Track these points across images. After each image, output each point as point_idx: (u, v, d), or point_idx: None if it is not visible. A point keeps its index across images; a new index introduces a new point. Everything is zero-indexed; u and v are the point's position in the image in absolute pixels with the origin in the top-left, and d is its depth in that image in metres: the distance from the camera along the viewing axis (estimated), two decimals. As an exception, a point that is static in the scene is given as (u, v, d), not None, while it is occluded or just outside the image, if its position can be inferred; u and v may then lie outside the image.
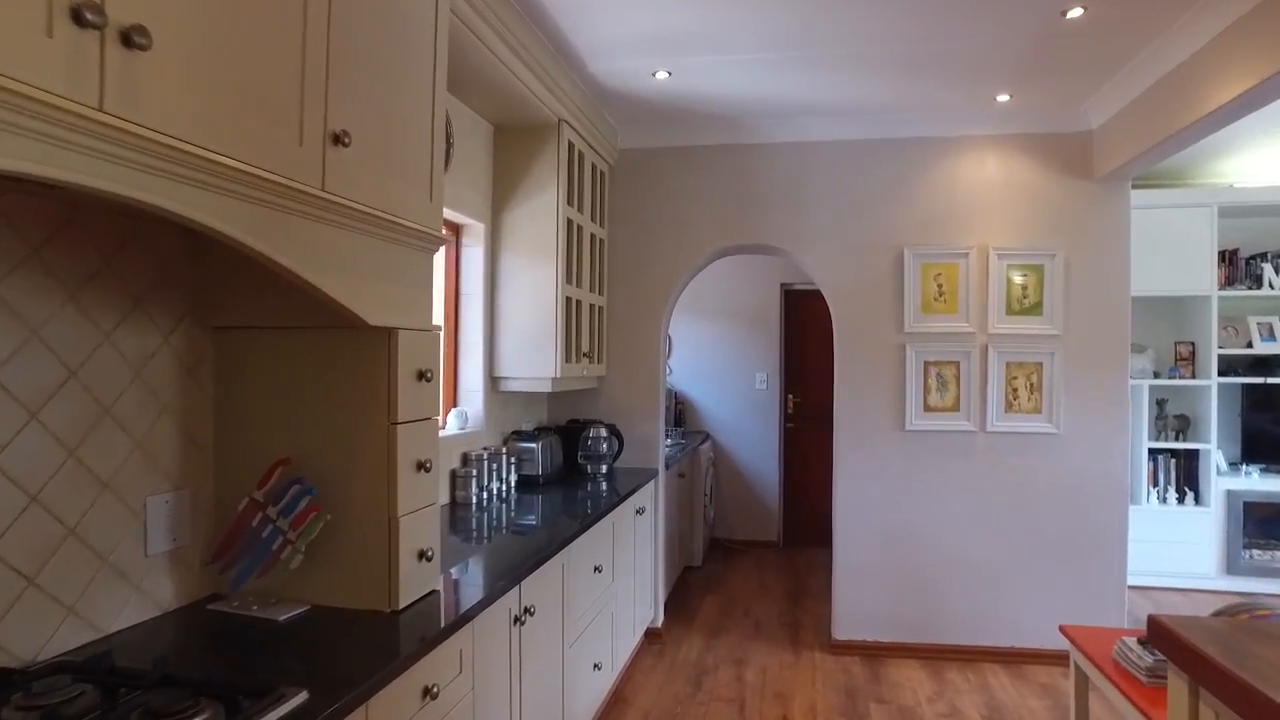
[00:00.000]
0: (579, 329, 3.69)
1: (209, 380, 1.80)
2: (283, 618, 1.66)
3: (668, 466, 4.44)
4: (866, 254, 3.93)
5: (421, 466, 1.81)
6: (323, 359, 1.76)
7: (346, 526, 1.74)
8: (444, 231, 1.97)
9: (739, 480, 6.30)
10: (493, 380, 3.49)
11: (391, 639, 1.61)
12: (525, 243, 3.45)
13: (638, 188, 4.16)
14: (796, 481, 6.32)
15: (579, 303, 3.68)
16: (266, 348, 1.79)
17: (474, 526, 2.77)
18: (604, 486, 3.65)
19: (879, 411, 3.91)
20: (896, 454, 3.90)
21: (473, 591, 1.95)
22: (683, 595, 4.91)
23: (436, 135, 1.89)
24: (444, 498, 3.05)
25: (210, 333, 1.80)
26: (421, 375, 1.80)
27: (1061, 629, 2.71)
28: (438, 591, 1.89)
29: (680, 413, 6.22)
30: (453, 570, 2.13)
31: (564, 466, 3.83)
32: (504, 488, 3.33)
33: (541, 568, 2.31)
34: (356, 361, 1.73)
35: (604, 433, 3.84)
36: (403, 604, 1.75)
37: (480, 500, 3.12)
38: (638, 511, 3.71)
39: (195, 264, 1.74)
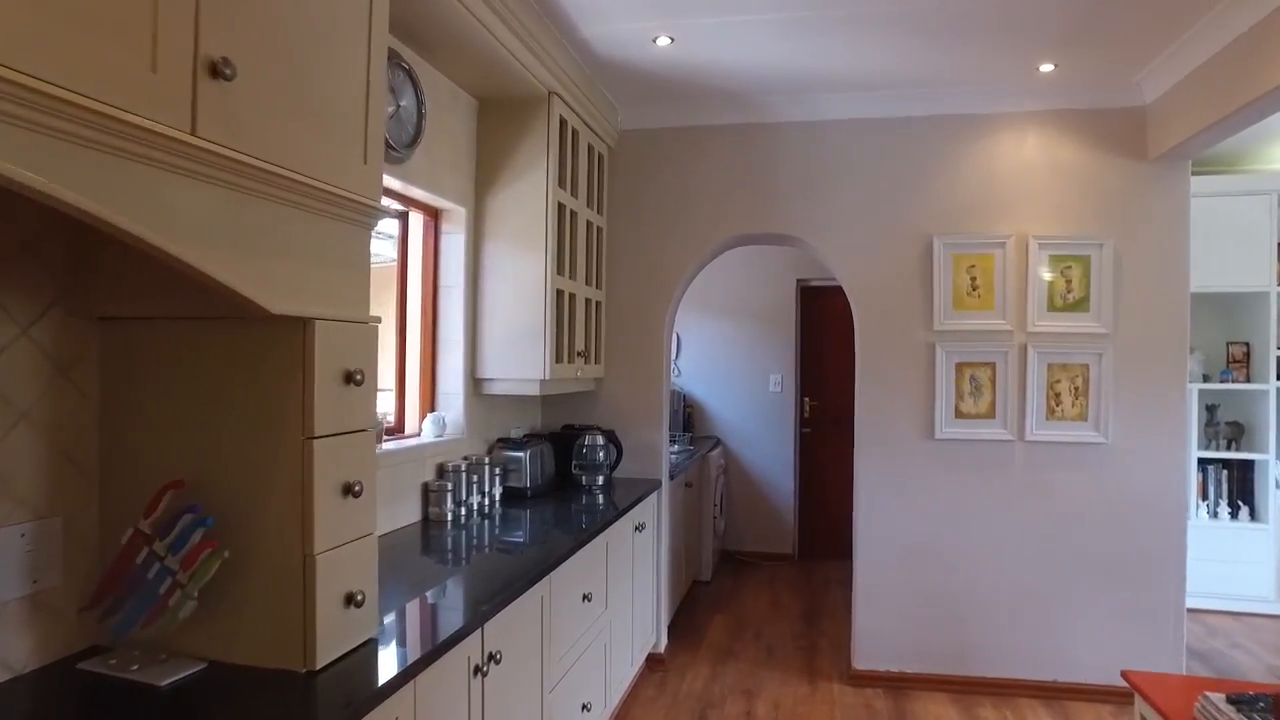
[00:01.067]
0: (573, 326, 3.34)
1: (91, 383, 1.47)
2: (166, 681, 1.32)
3: (673, 476, 4.08)
4: (891, 244, 3.56)
5: (349, 491, 1.46)
6: (227, 357, 1.42)
7: (251, 566, 1.40)
8: (386, 202, 1.63)
9: (752, 489, 5.93)
10: (475, 382, 3.15)
11: (303, 709, 1.27)
12: (512, 229, 3.10)
13: (640, 172, 3.81)
14: (813, 491, 5.94)
15: (573, 297, 3.33)
16: (163, 343, 1.46)
17: (446, 549, 2.43)
18: (600, 499, 3.30)
19: (905, 418, 3.54)
20: (924, 465, 3.52)
21: (421, 638, 1.61)
22: (689, 614, 4.55)
23: (375, 80, 1.55)
24: (414, 515, 2.71)
25: (94, 325, 1.47)
26: (349, 377, 1.46)
27: (1125, 675, 2.33)
28: (374, 641, 1.55)
29: (689, 417, 5.86)
30: (403, 608, 1.79)
31: (556, 477, 3.48)
32: (486, 502, 2.99)
33: (513, 604, 1.96)
34: (263, 360, 1.39)
35: (600, 440, 3.49)
36: (322, 662, 1.40)
37: (457, 517, 2.78)
38: (637, 528, 3.35)
39: (71, 238, 1.41)
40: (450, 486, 2.74)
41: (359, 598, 1.49)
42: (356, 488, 1.47)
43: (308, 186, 1.35)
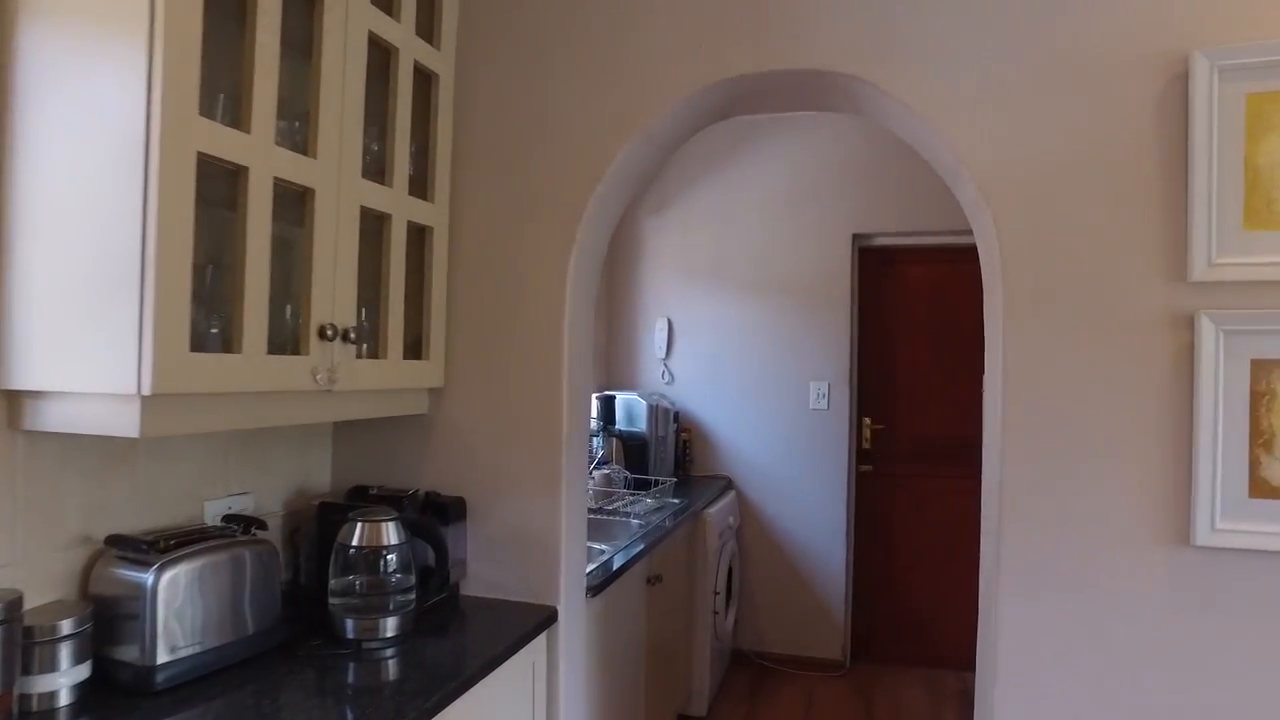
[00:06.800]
0: (290, 260, 1.39)
1: None
2: None
3: (603, 585, 2.11)
4: (1079, 77, 1.53)
5: None
6: None
7: None
8: None
9: (780, 559, 3.89)
10: (8, 402, 1.23)
11: None
12: (81, -6, 1.18)
13: (527, -33, 1.85)
14: (875, 562, 3.89)
15: (309, 195, 1.39)
16: None
17: None
18: (366, 680, 1.36)
19: (1116, 493, 1.50)
20: (1168, 603, 1.47)
21: None
22: (657, 807, 2.57)
23: None
24: None
25: None
26: None
27: None
28: None
29: (685, 447, 3.86)
30: None
31: (286, 616, 1.52)
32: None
33: None
34: None
35: (391, 534, 1.51)
36: None
37: None
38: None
39: None
40: None
41: None
42: None
43: None
